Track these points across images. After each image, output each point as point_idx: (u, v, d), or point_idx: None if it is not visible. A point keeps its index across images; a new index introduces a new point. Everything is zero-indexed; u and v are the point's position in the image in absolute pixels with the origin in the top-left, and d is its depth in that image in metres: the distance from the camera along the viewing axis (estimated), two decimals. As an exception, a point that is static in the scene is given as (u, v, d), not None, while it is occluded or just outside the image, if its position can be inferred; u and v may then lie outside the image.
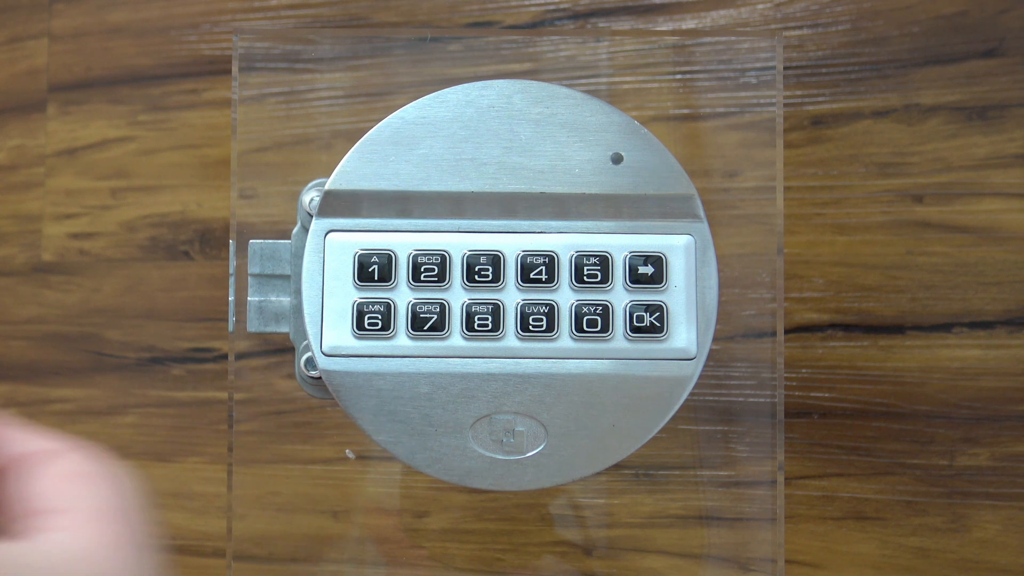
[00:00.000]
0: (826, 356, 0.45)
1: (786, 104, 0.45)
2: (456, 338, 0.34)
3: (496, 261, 0.34)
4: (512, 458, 0.34)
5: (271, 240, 0.36)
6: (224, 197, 0.50)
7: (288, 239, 0.36)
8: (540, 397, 0.34)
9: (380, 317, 0.34)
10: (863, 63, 0.45)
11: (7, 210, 0.55)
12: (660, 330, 0.34)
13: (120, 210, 0.53)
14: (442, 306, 0.34)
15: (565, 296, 0.34)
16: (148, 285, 0.53)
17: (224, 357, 0.52)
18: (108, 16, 0.53)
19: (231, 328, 0.39)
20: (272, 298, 0.36)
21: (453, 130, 0.35)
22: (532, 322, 0.34)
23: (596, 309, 0.34)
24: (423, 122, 0.35)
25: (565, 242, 0.34)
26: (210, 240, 0.51)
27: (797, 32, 0.46)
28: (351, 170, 0.35)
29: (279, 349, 0.49)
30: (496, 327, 0.34)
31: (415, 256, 0.34)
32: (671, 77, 0.45)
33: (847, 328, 0.45)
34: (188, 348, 0.53)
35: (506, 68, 0.44)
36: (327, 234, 0.34)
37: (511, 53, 0.44)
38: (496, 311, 0.34)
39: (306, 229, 0.35)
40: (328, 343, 0.34)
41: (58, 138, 0.54)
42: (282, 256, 0.36)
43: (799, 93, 0.46)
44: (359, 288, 0.34)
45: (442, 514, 0.46)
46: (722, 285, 0.35)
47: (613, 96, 0.45)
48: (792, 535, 0.46)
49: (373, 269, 0.34)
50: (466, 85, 0.35)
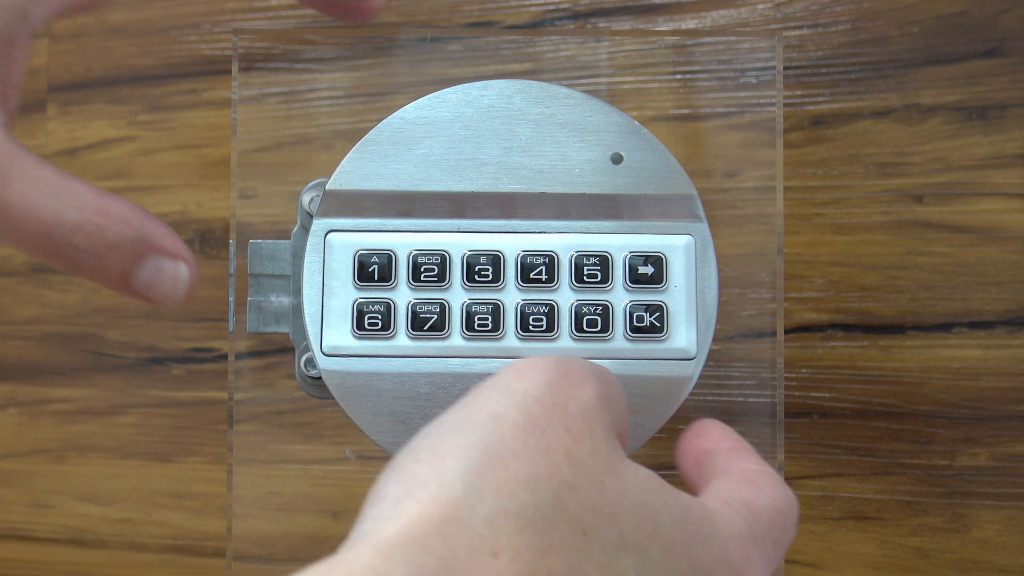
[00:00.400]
0: (826, 356, 0.45)
1: (786, 104, 0.45)
2: (456, 338, 0.34)
3: (496, 261, 0.34)
4: (512, 458, 0.34)
5: (271, 240, 0.36)
6: (224, 197, 0.50)
7: (288, 239, 0.36)
8: None
9: (380, 317, 0.34)
10: (863, 63, 0.45)
11: (7, 210, 0.55)
12: (660, 330, 0.34)
13: (120, 210, 0.53)
14: (442, 306, 0.34)
15: (565, 296, 0.34)
16: (148, 285, 0.53)
17: (224, 357, 0.52)
18: (108, 16, 0.53)
19: (231, 328, 0.39)
20: (272, 298, 0.36)
21: (453, 130, 0.35)
22: (532, 322, 0.34)
23: (596, 309, 0.34)
24: (423, 122, 0.35)
25: (565, 242, 0.34)
26: (210, 240, 0.51)
27: (797, 32, 0.46)
28: (351, 170, 0.35)
29: (279, 349, 0.49)
30: (496, 327, 0.34)
31: (415, 256, 0.34)
32: (671, 77, 0.45)
33: (847, 328, 0.45)
34: (188, 348, 0.53)
35: (506, 68, 0.44)
36: (327, 234, 0.34)
37: (511, 53, 0.44)
38: (496, 311, 0.34)
39: (306, 229, 0.35)
40: (328, 343, 0.34)
41: (58, 138, 0.54)
42: (282, 256, 0.36)
43: (799, 93, 0.46)
44: (359, 288, 0.34)
45: (442, 514, 0.46)
46: (722, 285, 0.35)
47: (613, 96, 0.45)
48: (792, 535, 0.46)
49: (373, 269, 0.34)
50: (466, 85, 0.35)
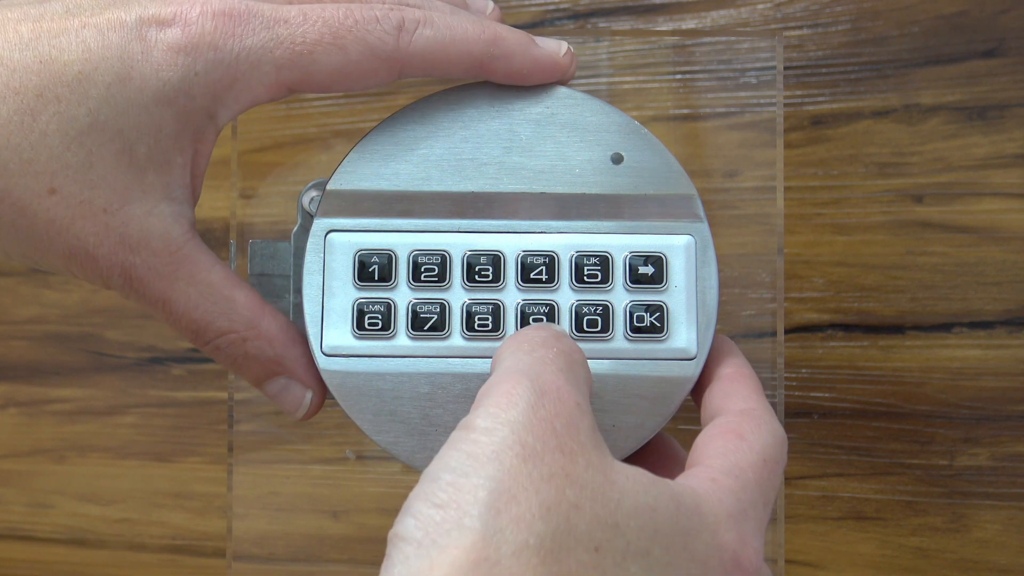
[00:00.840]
0: (826, 356, 0.45)
1: (786, 104, 0.45)
2: (456, 338, 0.34)
3: (496, 261, 0.34)
4: (512, 458, 0.34)
5: (271, 240, 0.36)
6: (224, 197, 0.50)
7: (288, 239, 0.36)
8: None
9: (380, 317, 0.34)
10: (863, 63, 0.45)
11: (7, 210, 0.55)
12: (660, 330, 0.34)
13: (120, 210, 0.53)
14: (442, 306, 0.34)
15: (565, 296, 0.34)
16: (148, 285, 0.53)
17: (224, 357, 0.52)
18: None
19: (231, 328, 0.39)
20: (272, 298, 0.36)
21: (453, 130, 0.35)
22: (532, 322, 0.34)
23: (596, 309, 0.34)
24: (423, 122, 0.35)
25: (565, 242, 0.34)
26: (210, 240, 0.51)
27: (797, 32, 0.46)
28: (351, 170, 0.35)
29: (279, 349, 0.49)
30: (496, 327, 0.34)
31: (415, 256, 0.34)
32: (671, 77, 0.45)
33: (847, 328, 0.45)
34: (188, 348, 0.53)
35: (506, 68, 0.44)
36: (327, 234, 0.34)
37: (511, 53, 0.44)
38: (496, 311, 0.34)
39: (306, 229, 0.35)
40: (328, 343, 0.34)
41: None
42: (282, 256, 0.36)
43: (799, 93, 0.46)
44: (359, 288, 0.34)
45: (442, 514, 0.46)
46: (722, 285, 0.35)
47: (613, 96, 0.45)
48: (792, 535, 0.46)
49: (373, 269, 0.34)
50: (466, 85, 0.35)
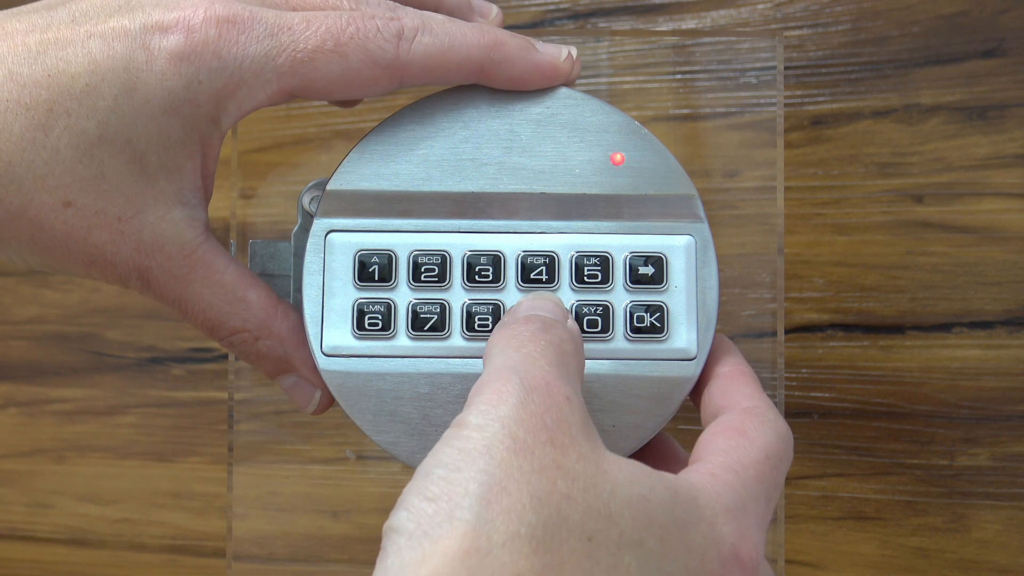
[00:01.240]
0: (826, 356, 0.45)
1: (786, 104, 0.45)
2: (456, 338, 0.34)
3: (496, 261, 0.34)
4: (512, 458, 0.34)
5: (271, 240, 0.36)
6: (224, 197, 0.50)
7: (288, 239, 0.36)
8: None
9: (380, 317, 0.34)
10: (863, 63, 0.45)
11: (7, 210, 0.55)
12: (660, 330, 0.34)
13: (120, 210, 0.53)
14: (442, 306, 0.34)
15: (565, 296, 0.34)
16: (148, 285, 0.53)
17: (224, 357, 0.52)
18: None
19: (231, 328, 0.39)
20: (272, 298, 0.36)
21: (453, 130, 0.35)
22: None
23: (596, 309, 0.34)
24: (423, 122, 0.35)
25: (565, 242, 0.34)
26: (210, 240, 0.51)
27: (797, 32, 0.46)
28: (351, 170, 0.35)
29: (279, 349, 0.49)
30: (496, 327, 0.34)
31: (415, 256, 0.34)
32: (671, 77, 0.45)
33: (847, 328, 0.45)
34: (188, 348, 0.53)
35: (506, 68, 0.44)
36: (327, 234, 0.34)
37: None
38: (497, 311, 0.34)
39: (306, 229, 0.35)
40: (328, 343, 0.34)
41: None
42: (282, 256, 0.36)
43: (799, 93, 0.46)
44: (359, 288, 0.34)
45: (442, 514, 0.46)
46: (722, 285, 0.35)
47: (613, 96, 0.45)
48: (792, 535, 0.46)
49: (373, 269, 0.34)
50: (466, 85, 0.35)
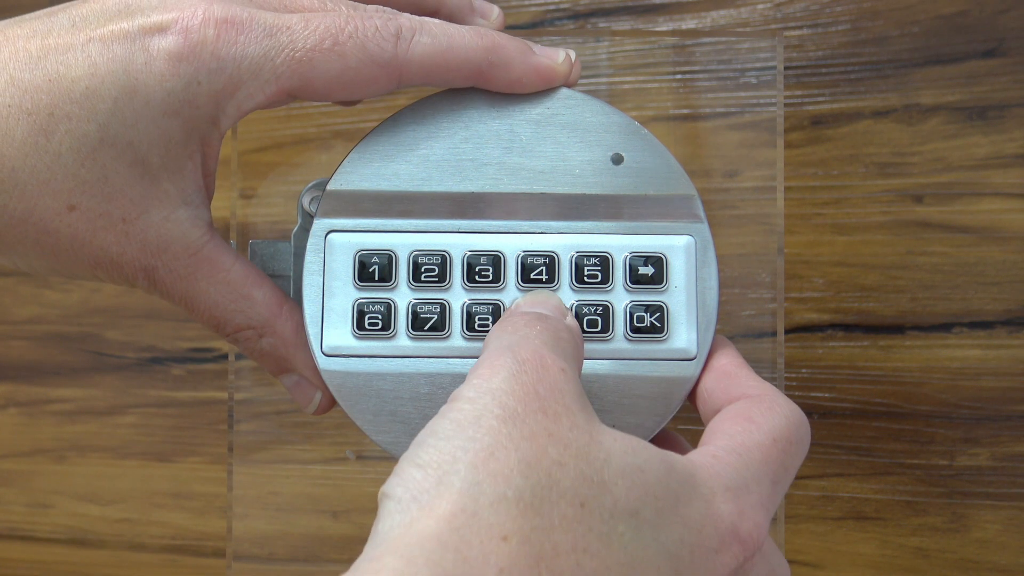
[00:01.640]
0: (826, 356, 0.45)
1: (786, 104, 0.45)
2: (457, 338, 0.34)
3: (496, 261, 0.34)
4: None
5: (271, 240, 0.36)
6: (224, 197, 0.50)
7: (288, 239, 0.36)
8: None
9: (380, 317, 0.34)
10: (863, 63, 0.45)
11: (7, 210, 0.55)
12: (660, 330, 0.34)
13: (120, 210, 0.53)
14: (442, 306, 0.34)
15: (565, 296, 0.34)
16: (148, 285, 0.53)
17: (224, 357, 0.52)
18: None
19: (231, 328, 0.39)
20: (272, 298, 0.36)
21: (454, 130, 0.35)
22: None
23: (596, 309, 0.34)
24: (423, 122, 0.35)
25: (565, 242, 0.34)
26: (210, 240, 0.51)
27: (797, 32, 0.46)
28: (351, 170, 0.35)
29: (279, 349, 0.49)
30: (496, 327, 0.34)
31: (415, 256, 0.34)
32: (671, 77, 0.45)
33: (847, 328, 0.45)
34: (188, 348, 0.53)
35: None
36: (328, 234, 0.34)
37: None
38: (497, 311, 0.34)
39: (306, 229, 0.35)
40: (328, 343, 0.34)
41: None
42: (282, 256, 0.36)
43: (799, 93, 0.46)
44: (359, 288, 0.34)
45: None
46: (722, 285, 0.35)
47: (613, 96, 0.45)
48: (792, 535, 0.46)
49: (374, 269, 0.34)
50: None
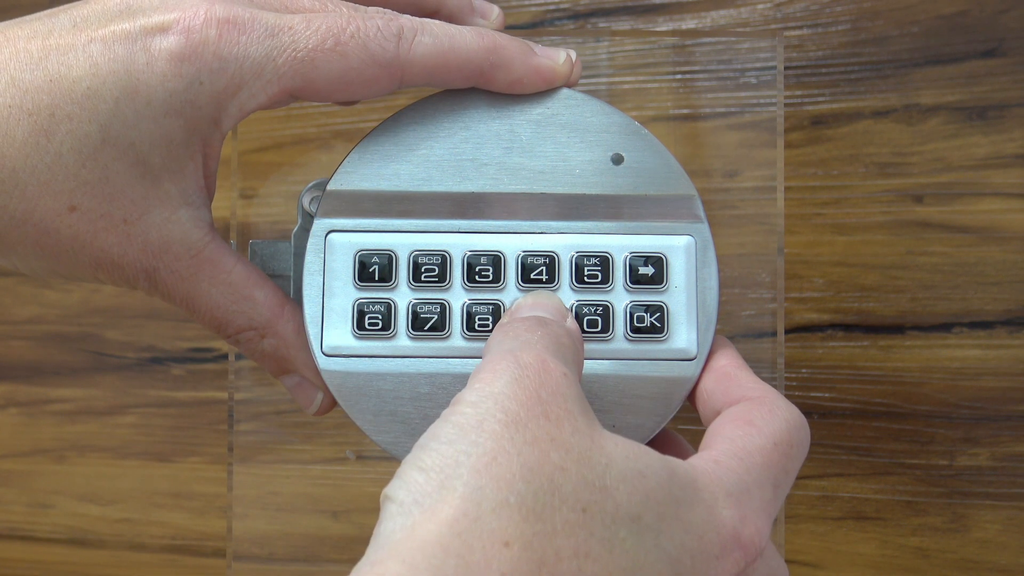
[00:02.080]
0: (826, 356, 0.45)
1: (786, 104, 0.45)
2: (457, 338, 0.34)
3: (497, 261, 0.34)
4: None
5: (271, 240, 0.36)
6: (224, 197, 0.50)
7: (288, 239, 0.36)
8: None
9: (381, 317, 0.34)
10: (863, 63, 0.45)
11: (7, 210, 0.55)
12: (660, 330, 0.34)
13: (120, 210, 0.53)
14: (443, 306, 0.34)
15: (565, 297, 0.34)
16: (148, 285, 0.53)
17: (224, 357, 0.52)
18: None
19: (231, 328, 0.39)
20: (272, 298, 0.36)
21: (454, 131, 0.35)
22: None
23: (596, 309, 0.34)
24: (423, 122, 0.35)
25: (565, 243, 0.34)
26: (210, 240, 0.51)
27: (797, 32, 0.46)
28: (352, 170, 0.35)
29: (279, 349, 0.49)
30: (497, 327, 0.34)
31: (416, 256, 0.34)
32: (671, 77, 0.45)
33: (847, 328, 0.45)
34: (188, 348, 0.53)
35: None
36: (328, 234, 0.34)
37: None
38: (497, 311, 0.34)
39: (306, 229, 0.35)
40: (328, 343, 0.34)
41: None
42: (282, 256, 0.36)
43: (799, 93, 0.46)
44: (360, 288, 0.34)
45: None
46: (722, 285, 0.35)
47: (613, 96, 0.45)
48: (792, 535, 0.46)
49: (374, 269, 0.34)
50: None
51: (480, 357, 0.34)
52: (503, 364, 0.28)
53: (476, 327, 0.34)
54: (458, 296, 0.34)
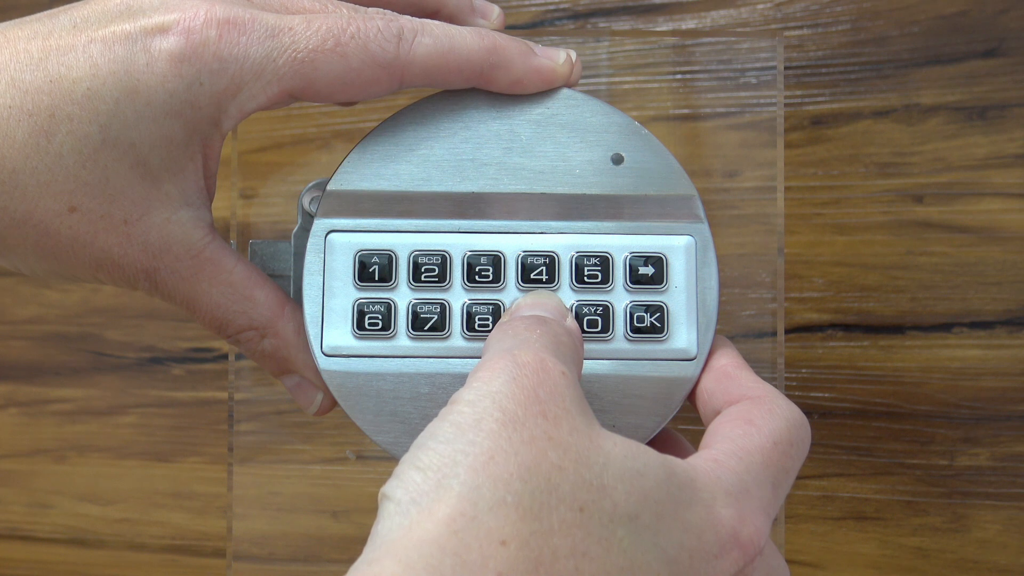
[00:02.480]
0: (826, 356, 0.45)
1: (786, 104, 0.45)
2: (457, 338, 0.34)
3: (497, 261, 0.34)
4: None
5: (271, 240, 0.36)
6: (224, 197, 0.50)
7: (288, 239, 0.36)
8: None
9: (381, 317, 0.34)
10: (863, 63, 0.45)
11: (7, 210, 0.55)
12: (660, 330, 0.34)
13: (120, 210, 0.53)
14: (443, 306, 0.34)
15: (565, 296, 0.34)
16: (148, 285, 0.53)
17: (224, 357, 0.52)
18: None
19: (231, 328, 0.39)
20: (272, 298, 0.36)
21: (454, 131, 0.35)
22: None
23: (596, 310, 0.34)
24: (423, 122, 0.35)
25: (565, 243, 0.34)
26: (210, 240, 0.51)
27: (797, 32, 0.46)
28: (352, 170, 0.35)
29: (279, 349, 0.49)
30: (496, 327, 0.34)
31: (416, 256, 0.34)
32: (671, 77, 0.45)
33: (847, 328, 0.45)
34: (188, 348, 0.53)
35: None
36: (328, 234, 0.34)
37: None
38: (497, 311, 0.34)
39: (306, 229, 0.35)
40: (328, 343, 0.34)
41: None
42: (282, 256, 0.36)
43: (799, 93, 0.46)
44: (360, 288, 0.34)
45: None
46: (722, 285, 0.35)
47: (613, 96, 0.45)
48: (792, 535, 0.46)
49: (374, 269, 0.34)
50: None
51: (480, 357, 0.34)
52: (501, 363, 0.28)
53: (476, 327, 0.34)
54: (458, 296, 0.34)
